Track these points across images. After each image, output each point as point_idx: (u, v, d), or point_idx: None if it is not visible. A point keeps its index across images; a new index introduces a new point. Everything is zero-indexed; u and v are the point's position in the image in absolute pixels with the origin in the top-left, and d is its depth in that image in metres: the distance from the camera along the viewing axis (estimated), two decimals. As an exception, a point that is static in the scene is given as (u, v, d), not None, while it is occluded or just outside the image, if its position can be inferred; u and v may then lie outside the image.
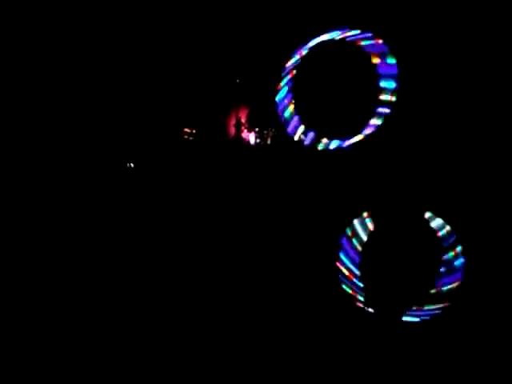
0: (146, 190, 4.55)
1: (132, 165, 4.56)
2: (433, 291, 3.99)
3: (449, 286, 3.96)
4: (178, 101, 4.57)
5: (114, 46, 4.50)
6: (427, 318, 4.00)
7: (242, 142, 4.56)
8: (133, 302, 4.35)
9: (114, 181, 4.55)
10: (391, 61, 4.03)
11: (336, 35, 4.11)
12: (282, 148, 4.43)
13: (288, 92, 4.24)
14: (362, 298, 4.13)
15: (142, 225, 4.49)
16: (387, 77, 4.03)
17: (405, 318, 4.05)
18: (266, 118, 4.48)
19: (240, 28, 4.46)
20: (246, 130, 4.55)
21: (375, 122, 4.07)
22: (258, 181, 4.43)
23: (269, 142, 4.50)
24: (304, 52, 4.20)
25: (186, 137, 4.59)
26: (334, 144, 4.19)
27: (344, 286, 4.15)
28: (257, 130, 4.53)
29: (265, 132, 4.51)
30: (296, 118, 4.23)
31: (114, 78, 4.53)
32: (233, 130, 4.56)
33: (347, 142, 4.13)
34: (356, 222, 4.12)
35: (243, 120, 4.55)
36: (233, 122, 4.56)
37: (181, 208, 4.50)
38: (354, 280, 4.12)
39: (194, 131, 4.58)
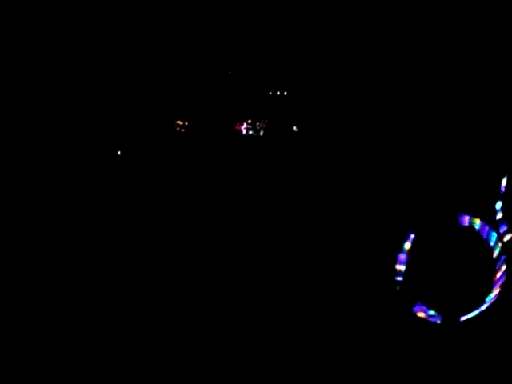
0: (139, 182, 4.56)
1: (125, 157, 4.57)
2: None
3: None
4: (170, 93, 4.57)
5: (105, 39, 4.48)
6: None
7: (234, 134, 4.58)
8: (122, 291, 4.37)
9: (105, 173, 4.56)
10: None
11: None
12: (274, 140, 4.47)
13: None
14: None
15: (135, 217, 4.51)
16: None
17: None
18: (259, 109, 4.50)
19: (232, 21, 4.46)
20: (238, 122, 4.57)
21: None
22: (250, 172, 4.47)
23: (261, 133, 4.53)
24: None
25: (178, 129, 4.59)
26: None
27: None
28: (249, 121, 4.55)
29: (257, 124, 4.53)
30: None
31: (105, 70, 4.52)
32: (225, 122, 4.57)
33: None
34: None
35: (235, 112, 4.57)
36: (225, 113, 4.57)
37: (173, 200, 4.52)
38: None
39: (186, 123, 4.59)
